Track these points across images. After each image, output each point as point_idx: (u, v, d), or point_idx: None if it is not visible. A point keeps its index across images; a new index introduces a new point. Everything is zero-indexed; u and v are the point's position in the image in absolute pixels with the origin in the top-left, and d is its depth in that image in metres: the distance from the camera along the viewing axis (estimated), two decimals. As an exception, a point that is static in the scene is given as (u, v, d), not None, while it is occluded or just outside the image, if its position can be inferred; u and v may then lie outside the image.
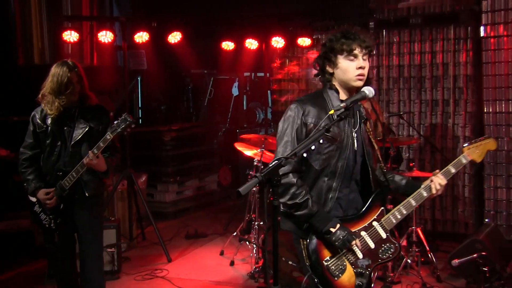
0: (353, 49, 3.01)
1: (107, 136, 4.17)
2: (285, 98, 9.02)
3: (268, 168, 2.55)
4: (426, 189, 3.18)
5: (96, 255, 4.58)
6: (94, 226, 4.53)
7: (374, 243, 3.09)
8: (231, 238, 6.98)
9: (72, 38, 7.30)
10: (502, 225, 6.93)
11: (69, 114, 4.39)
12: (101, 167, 4.30)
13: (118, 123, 4.17)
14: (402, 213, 3.13)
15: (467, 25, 7.16)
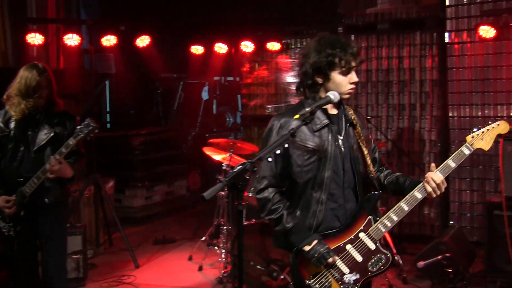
0: (351, 66, 2.98)
1: (69, 142, 4.07)
2: (255, 102, 9.03)
3: (233, 173, 2.55)
4: (420, 190, 3.00)
5: (59, 264, 4.47)
6: (57, 233, 4.42)
7: (362, 256, 2.96)
8: (199, 243, 6.96)
9: (36, 41, 7.21)
10: (466, 226, 7.07)
11: (34, 118, 4.30)
12: (66, 173, 4.20)
13: (81, 128, 4.09)
14: (393, 220, 2.97)
15: (433, 31, 7.29)
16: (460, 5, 7.08)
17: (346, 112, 3.11)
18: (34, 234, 4.35)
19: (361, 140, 3.08)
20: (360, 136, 3.08)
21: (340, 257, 2.95)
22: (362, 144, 3.07)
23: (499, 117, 6.92)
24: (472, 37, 7.00)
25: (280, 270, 5.51)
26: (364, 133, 3.12)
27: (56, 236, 4.43)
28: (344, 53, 2.93)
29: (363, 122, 3.19)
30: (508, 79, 6.85)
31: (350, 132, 3.08)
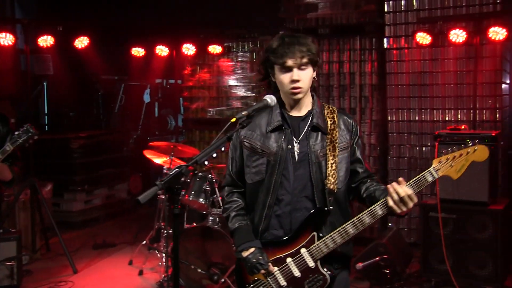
0: (285, 62, 2.81)
1: (6, 148, 3.95)
2: (196, 105, 8.99)
3: (168, 176, 2.52)
4: (381, 205, 2.80)
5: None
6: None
7: (300, 272, 2.82)
8: (140, 247, 6.87)
9: (-33, 39, 6.95)
10: (404, 228, 7.24)
11: None
12: (5, 176, 4.07)
13: (19, 134, 3.97)
14: (336, 242, 2.79)
15: (372, 36, 7.43)
16: (398, 12, 7.27)
17: (316, 114, 2.92)
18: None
19: (330, 147, 2.87)
20: (332, 142, 2.88)
21: (279, 268, 2.86)
22: (330, 151, 2.86)
23: (436, 121, 7.13)
24: (410, 43, 7.20)
25: (221, 273, 5.51)
26: (341, 140, 2.90)
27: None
28: (278, 50, 2.83)
29: (348, 128, 2.95)
30: (443, 84, 7.07)
31: (315, 136, 2.89)
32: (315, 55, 2.85)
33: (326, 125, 2.91)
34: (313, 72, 2.89)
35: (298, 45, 2.81)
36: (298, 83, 2.83)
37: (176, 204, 2.58)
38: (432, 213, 5.75)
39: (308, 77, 2.85)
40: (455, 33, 6.60)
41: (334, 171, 2.85)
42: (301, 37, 2.87)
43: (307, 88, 2.88)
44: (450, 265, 5.52)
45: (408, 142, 7.31)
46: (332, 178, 2.84)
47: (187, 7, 8.76)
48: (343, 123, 2.96)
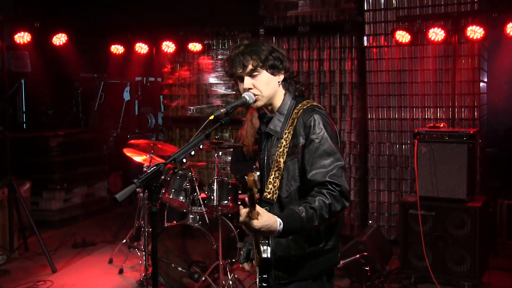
0: (234, 73, 2.79)
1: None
2: (176, 103, 8.95)
3: (146, 174, 2.50)
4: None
5: None
6: None
7: None
8: (120, 246, 6.83)
9: None
10: (384, 226, 7.30)
11: None
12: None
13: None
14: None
15: (352, 34, 7.46)
16: (378, 10, 7.31)
17: (275, 118, 2.84)
18: None
19: (279, 153, 2.74)
20: (283, 147, 2.74)
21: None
22: (278, 157, 2.73)
23: (415, 119, 7.18)
24: (389, 41, 7.24)
25: (202, 272, 5.50)
26: (292, 143, 2.73)
27: None
28: (229, 61, 2.81)
29: (304, 129, 2.72)
30: (422, 82, 7.13)
31: (271, 141, 2.83)
32: (266, 59, 2.75)
33: (284, 127, 2.78)
34: (272, 75, 2.79)
35: (242, 54, 2.75)
36: (251, 90, 2.78)
37: (154, 202, 2.57)
38: (412, 210, 5.81)
39: (261, 83, 2.77)
40: (434, 32, 6.65)
41: (276, 179, 2.72)
42: (249, 44, 2.80)
43: (265, 93, 2.79)
44: (429, 262, 5.59)
45: (388, 140, 7.35)
46: (273, 187, 2.72)
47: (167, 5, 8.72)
48: (301, 124, 2.73)
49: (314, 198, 2.55)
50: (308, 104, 2.79)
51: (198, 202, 5.71)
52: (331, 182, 2.59)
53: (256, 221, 2.39)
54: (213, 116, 2.73)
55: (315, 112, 2.74)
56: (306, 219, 2.51)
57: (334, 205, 2.57)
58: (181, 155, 2.62)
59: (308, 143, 2.69)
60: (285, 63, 2.82)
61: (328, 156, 2.65)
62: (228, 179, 5.77)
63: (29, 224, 6.93)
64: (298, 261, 2.76)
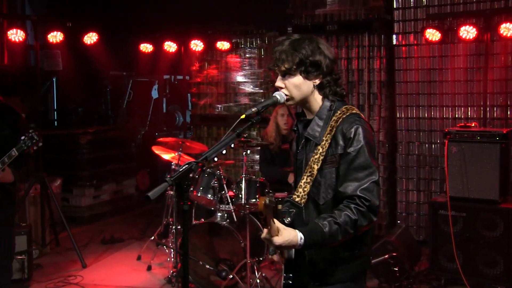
0: (271, 68, 2.81)
1: (12, 153, 4.03)
2: (204, 101, 8.99)
3: (178, 173, 2.52)
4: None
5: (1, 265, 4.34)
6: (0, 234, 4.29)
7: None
8: (148, 243, 6.89)
9: (-22, 36, 6.99)
10: (412, 226, 7.22)
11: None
12: (7, 179, 4.13)
13: (24, 140, 4.05)
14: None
15: (381, 33, 7.39)
16: (407, 8, 7.22)
17: (314, 122, 2.78)
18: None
19: (315, 159, 2.71)
20: (320, 154, 2.71)
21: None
22: (313, 163, 2.70)
23: (445, 118, 7.10)
24: (419, 39, 7.15)
25: (229, 269, 5.51)
26: (330, 152, 2.68)
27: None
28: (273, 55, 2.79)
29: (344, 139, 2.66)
30: (453, 81, 7.03)
31: (309, 145, 2.79)
32: (300, 63, 2.70)
33: (323, 133, 2.73)
34: (305, 79, 2.74)
35: (281, 52, 2.73)
36: (281, 89, 2.78)
37: (185, 200, 2.58)
38: (442, 211, 5.72)
39: (291, 85, 2.75)
40: (465, 30, 6.55)
41: (307, 184, 2.70)
42: (293, 41, 2.76)
43: (295, 95, 2.76)
44: (459, 264, 5.49)
45: (417, 139, 7.27)
46: (302, 191, 2.71)
47: (195, 3, 8.75)
48: (341, 134, 2.67)
49: (341, 213, 2.55)
50: (348, 113, 2.72)
51: (226, 200, 5.73)
52: (360, 196, 2.57)
53: (277, 238, 2.47)
54: (244, 115, 2.72)
55: (355, 122, 2.67)
56: (328, 234, 2.52)
57: (360, 221, 2.55)
58: (213, 153, 2.63)
59: (345, 155, 2.65)
60: (324, 67, 2.74)
61: (363, 170, 2.61)
62: (256, 178, 5.78)
63: (60, 220, 7.04)
64: (330, 265, 2.75)
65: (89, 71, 9.98)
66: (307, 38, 2.78)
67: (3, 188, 4.24)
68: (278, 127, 6.38)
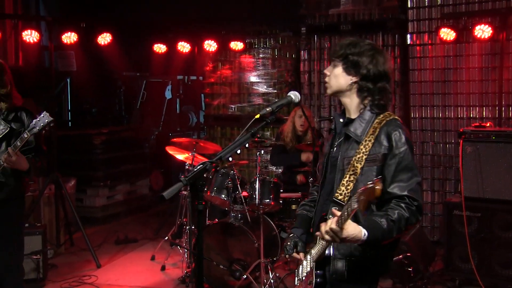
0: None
1: (24, 135, 3.99)
2: (218, 101, 9.00)
3: (192, 172, 2.52)
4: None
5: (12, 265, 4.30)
6: (10, 232, 4.27)
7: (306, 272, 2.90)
8: (162, 243, 6.90)
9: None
10: (427, 226, 7.19)
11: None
12: (22, 165, 4.10)
13: (36, 122, 4.00)
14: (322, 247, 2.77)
15: (395, 32, 7.37)
16: (422, 8, 7.18)
17: (356, 121, 2.84)
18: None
19: (357, 158, 2.75)
20: (362, 153, 2.75)
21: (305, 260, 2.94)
22: (355, 161, 2.74)
23: (460, 118, 7.05)
24: (433, 39, 7.12)
25: (243, 270, 5.51)
26: (373, 151, 2.73)
27: (9, 235, 4.28)
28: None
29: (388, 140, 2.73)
30: (467, 81, 6.98)
31: (349, 144, 2.84)
32: (346, 56, 2.82)
33: (364, 134, 2.79)
34: (344, 72, 2.84)
35: (340, 44, 2.89)
36: (326, 77, 2.93)
37: (200, 201, 2.59)
38: (456, 211, 5.68)
39: (333, 74, 2.87)
40: (481, 29, 6.51)
41: (350, 182, 2.74)
42: (357, 39, 2.91)
43: (332, 84, 2.88)
44: (474, 264, 5.45)
45: (431, 139, 7.23)
46: (345, 189, 2.74)
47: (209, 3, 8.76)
48: (385, 135, 2.74)
49: (394, 211, 2.63)
50: (391, 117, 2.81)
51: (239, 201, 5.73)
52: (409, 196, 2.66)
53: (345, 231, 2.48)
54: (259, 115, 2.74)
55: (399, 126, 2.77)
56: (387, 231, 2.58)
57: (410, 219, 2.64)
58: (228, 153, 2.63)
59: (392, 156, 2.72)
60: (364, 70, 2.81)
61: (408, 171, 2.71)
62: (270, 178, 5.78)
63: (74, 220, 7.08)
64: (357, 263, 2.77)
65: (103, 72, 10.02)
66: (372, 44, 2.90)
67: (17, 176, 4.24)
68: (294, 128, 6.43)
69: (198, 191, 2.56)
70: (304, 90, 8.05)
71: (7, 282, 4.29)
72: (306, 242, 3.02)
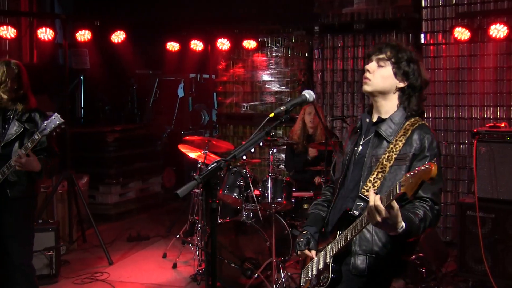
0: (370, 54, 2.98)
1: (35, 136, 4.01)
2: (230, 100, 9.01)
3: (207, 171, 2.52)
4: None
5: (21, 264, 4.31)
6: (20, 231, 4.29)
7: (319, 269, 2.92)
8: (174, 241, 6.92)
9: (9, 34, 7.09)
10: (439, 227, 7.14)
11: (5, 114, 4.27)
12: (33, 166, 4.12)
13: (47, 124, 4.02)
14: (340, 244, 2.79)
15: (408, 32, 7.33)
16: (436, 7, 7.13)
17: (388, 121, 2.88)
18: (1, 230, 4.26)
19: (387, 156, 2.79)
20: (391, 152, 2.79)
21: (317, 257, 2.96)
22: (384, 159, 2.78)
23: (474, 118, 7.00)
24: (447, 38, 7.06)
25: (254, 268, 5.51)
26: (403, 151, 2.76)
27: (19, 233, 4.30)
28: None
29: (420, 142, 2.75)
30: (482, 81, 6.93)
31: (377, 142, 2.88)
32: (400, 59, 2.85)
33: (395, 134, 2.83)
34: (394, 75, 2.87)
35: (387, 45, 2.91)
36: (367, 73, 2.91)
37: (214, 199, 2.59)
38: (470, 212, 5.64)
39: (379, 74, 2.88)
40: (496, 28, 6.45)
41: (378, 179, 2.77)
42: (401, 45, 2.94)
43: (376, 83, 2.89)
44: (488, 266, 5.41)
45: (444, 139, 7.19)
46: (372, 186, 2.76)
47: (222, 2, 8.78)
48: (417, 137, 2.77)
49: (420, 210, 2.65)
50: (422, 122, 2.86)
51: (252, 199, 5.73)
52: (432, 199, 2.71)
53: (392, 210, 2.43)
54: (273, 114, 2.74)
55: (430, 132, 2.82)
56: (417, 228, 2.59)
57: (432, 221, 2.68)
58: (242, 152, 2.64)
59: (422, 157, 2.75)
60: (414, 78, 2.87)
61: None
62: (282, 177, 5.77)
63: (86, 217, 7.13)
64: (377, 259, 2.78)
65: (116, 70, 10.06)
66: (410, 50, 2.95)
67: (30, 176, 4.25)
68: (304, 126, 6.41)
69: (212, 189, 2.56)
70: (317, 89, 8.04)
71: (19, 280, 4.31)
72: (318, 241, 3.04)
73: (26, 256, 4.42)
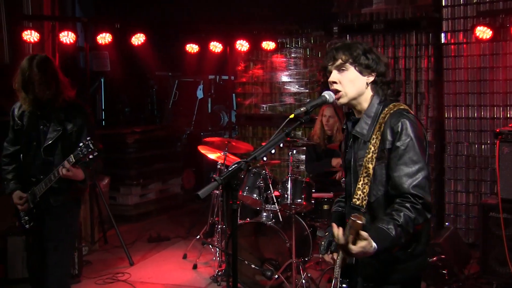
0: (325, 66, 2.84)
1: (70, 159, 3.93)
2: (249, 101, 9.02)
3: (227, 172, 2.53)
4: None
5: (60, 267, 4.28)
6: (61, 236, 4.26)
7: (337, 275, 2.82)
8: (194, 242, 6.95)
9: (32, 38, 7.18)
10: (461, 228, 7.07)
11: (43, 113, 4.17)
12: (77, 177, 4.13)
13: (81, 148, 3.88)
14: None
15: (428, 31, 7.26)
16: (457, 6, 7.06)
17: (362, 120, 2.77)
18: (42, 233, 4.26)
19: (368, 158, 2.67)
20: (371, 152, 2.67)
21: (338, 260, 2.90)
22: (367, 162, 2.66)
23: (496, 118, 6.92)
24: (468, 38, 6.99)
25: (274, 269, 5.50)
26: (380, 148, 2.65)
27: (61, 238, 4.26)
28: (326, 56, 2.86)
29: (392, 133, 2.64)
30: (504, 80, 6.84)
31: (358, 144, 2.78)
32: (357, 56, 2.72)
33: (371, 131, 2.71)
34: (360, 74, 2.75)
35: (335, 49, 2.77)
36: (334, 85, 2.78)
37: (234, 200, 2.60)
38: (493, 213, 5.56)
39: (346, 80, 2.75)
40: (518, 27, 6.37)
41: (365, 185, 2.66)
42: (346, 42, 2.82)
43: (349, 91, 2.76)
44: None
45: (466, 139, 7.11)
46: (362, 193, 2.66)
47: (241, 3, 8.78)
48: (389, 127, 2.65)
49: (399, 214, 2.51)
50: (395, 108, 2.70)
51: (271, 200, 5.73)
52: (414, 194, 2.54)
53: (354, 247, 2.37)
54: (293, 115, 2.73)
55: (402, 116, 2.65)
56: (396, 238, 2.48)
57: (417, 219, 2.54)
58: (262, 153, 2.64)
59: (394, 149, 2.62)
60: (378, 66, 2.76)
61: (413, 164, 2.59)
62: (302, 178, 5.75)
63: (108, 217, 7.19)
64: (386, 266, 2.72)
65: (136, 72, 10.13)
66: (359, 41, 2.84)
67: (75, 187, 4.24)
68: (323, 127, 6.38)
69: (233, 190, 2.57)
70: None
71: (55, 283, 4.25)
72: None
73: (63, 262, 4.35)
